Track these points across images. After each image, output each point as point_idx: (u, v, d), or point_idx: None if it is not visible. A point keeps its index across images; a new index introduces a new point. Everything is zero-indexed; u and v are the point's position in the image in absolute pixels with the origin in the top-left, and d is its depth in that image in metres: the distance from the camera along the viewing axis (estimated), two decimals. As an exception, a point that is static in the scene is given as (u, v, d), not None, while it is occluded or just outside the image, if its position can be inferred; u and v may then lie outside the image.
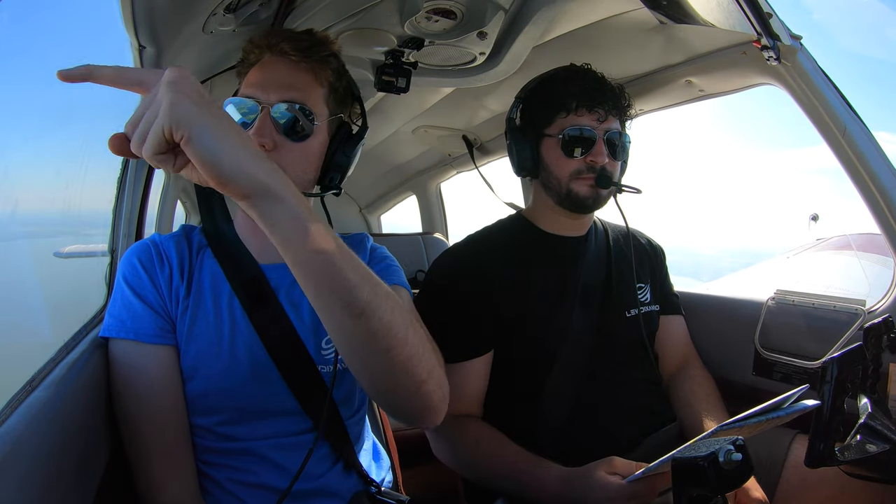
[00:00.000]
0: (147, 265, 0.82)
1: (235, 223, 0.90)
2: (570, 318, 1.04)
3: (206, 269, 0.85)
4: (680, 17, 1.07)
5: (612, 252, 1.15)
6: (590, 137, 1.03)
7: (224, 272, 0.85)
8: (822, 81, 1.01)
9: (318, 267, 0.54)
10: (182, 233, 0.89)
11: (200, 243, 0.88)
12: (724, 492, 0.57)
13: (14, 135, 1.01)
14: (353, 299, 0.56)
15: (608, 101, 1.05)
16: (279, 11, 0.99)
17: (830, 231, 3.25)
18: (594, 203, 1.06)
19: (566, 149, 1.04)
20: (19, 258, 1.10)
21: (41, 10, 1.05)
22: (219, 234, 0.88)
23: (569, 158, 1.04)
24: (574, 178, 1.05)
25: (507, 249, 1.09)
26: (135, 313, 0.79)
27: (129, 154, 0.49)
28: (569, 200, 1.07)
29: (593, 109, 1.04)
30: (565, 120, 1.05)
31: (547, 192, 1.11)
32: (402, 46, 1.18)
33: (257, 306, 0.83)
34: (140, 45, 0.89)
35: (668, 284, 1.25)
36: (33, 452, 0.56)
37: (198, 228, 0.90)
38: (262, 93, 0.79)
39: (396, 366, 0.62)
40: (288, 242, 0.53)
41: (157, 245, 0.84)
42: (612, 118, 1.05)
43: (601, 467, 0.83)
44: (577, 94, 1.04)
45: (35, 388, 0.64)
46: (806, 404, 0.68)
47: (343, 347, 0.62)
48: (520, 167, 1.12)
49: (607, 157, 1.04)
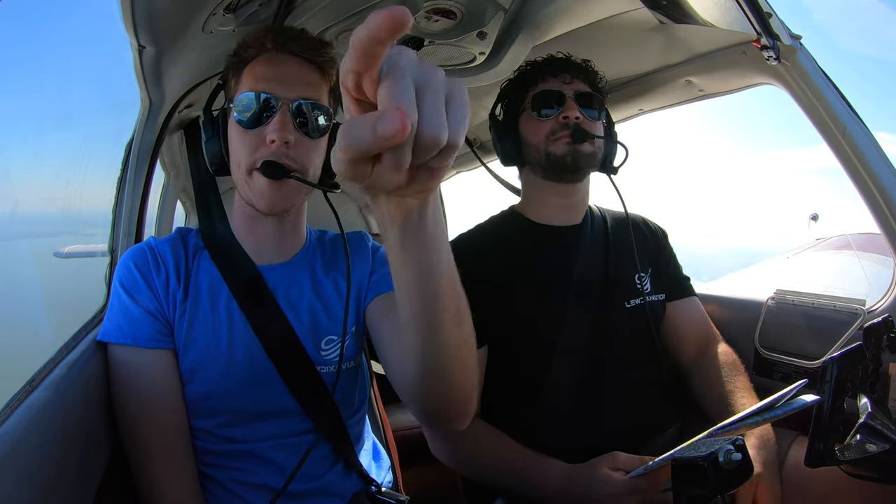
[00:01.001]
0: (143, 270, 0.81)
1: (232, 224, 0.90)
2: (565, 311, 1.03)
3: (203, 271, 0.85)
4: (680, 17, 1.06)
5: (610, 240, 1.14)
6: (558, 96, 1.07)
7: (221, 274, 0.85)
8: (821, 81, 1.01)
9: (450, 275, 0.53)
10: (177, 236, 0.89)
11: (197, 245, 0.88)
12: (723, 492, 0.57)
13: (14, 134, 1.01)
14: (459, 307, 0.57)
15: (574, 67, 1.11)
16: (279, 11, 0.99)
17: (829, 231, 3.25)
18: (573, 161, 1.06)
19: (537, 111, 1.08)
20: (19, 257, 1.10)
21: (41, 10, 1.05)
22: (216, 235, 0.88)
23: (541, 120, 1.08)
24: (550, 141, 1.07)
25: (500, 245, 1.09)
26: (132, 318, 0.79)
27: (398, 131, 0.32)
28: (549, 164, 1.08)
29: (558, 74, 1.09)
30: (535, 90, 1.10)
31: (532, 170, 1.13)
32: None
33: (255, 307, 0.83)
34: (140, 45, 0.89)
35: (674, 267, 1.21)
36: (33, 452, 0.56)
37: (194, 231, 0.90)
38: (280, 88, 0.79)
39: (470, 368, 0.64)
40: (436, 254, 0.49)
41: (152, 249, 0.84)
42: (580, 82, 1.10)
43: (604, 462, 0.83)
44: (543, 66, 1.12)
45: (35, 388, 0.64)
46: (804, 400, 0.68)
47: (441, 358, 0.60)
48: (505, 155, 1.15)
49: (579, 114, 1.06)
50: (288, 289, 0.86)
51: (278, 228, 0.88)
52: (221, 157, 0.83)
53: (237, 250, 0.87)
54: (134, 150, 1.11)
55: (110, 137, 1.18)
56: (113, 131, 1.16)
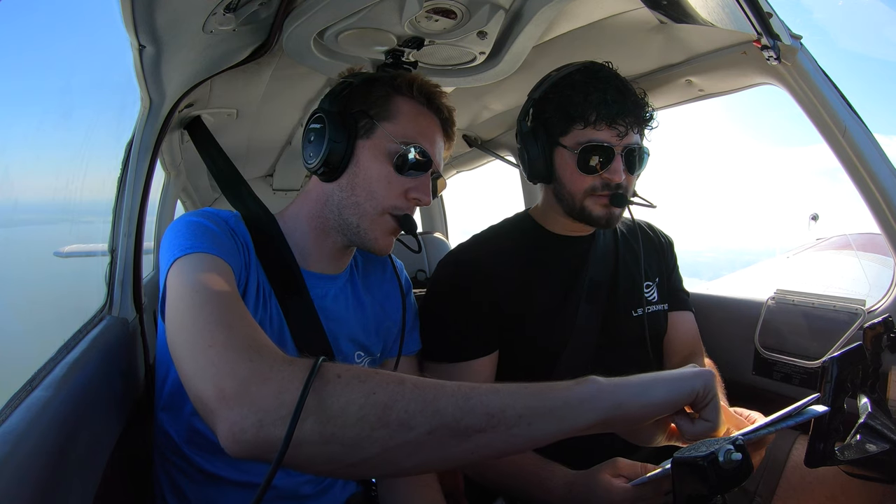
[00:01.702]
0: (221, 227, 0.77)
1: (283, 217, 0.89)
2: (575, 314, 1.04)
3: (253, 258, 0.82)
4: (680, 17, 1.06)
5: (620, 248, 1.14)
6: (608, 153, 0.97)
7: (261, 259, 0.83)
8: (822, 81, 1.01)
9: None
10: (223, 218, 0.82)
11: (245, 234, 0.83)
12: (723, 492, 0.57)
13: (14, 132, 1.01)
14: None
15: (630, 114, 0.97)
16: (279, 11, 0.99)
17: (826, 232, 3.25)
18: (607, 223, 1.02)
19: (582, 164, 0.98)
20: (17, 251, 1.10)
21: (41, 10, 1.05)
22: (261, 222, 0.87)
23: (584, 175, 0.99)
24: (588, 196, 1.00)
25: (513, 250, 1.08)
26: (221, 242, 0.73)
27: None
28: (581, 216, 1.03)
29: (613, 125, 0.96)
30: (582, 132, 0.98)
31: (558, 201, 1.06)
32: (403, 46, 1.18)
33: (289, 295, 0.83)
34: (140, 45, 0.89)
35: (676, 279, 1.21)
36: (33, 452, 0.56)
37: (232, 217, 0.84)
38: (431, 150, 0.85)
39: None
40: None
41: (224, 219, 0.80)
42: (633, 133, 0.99)
43: (605, 470, 0.82)
44: (597, 105, 0.96)
45: (35, 388, 0.64)
46: (815, 410, 0.68)
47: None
48: (532, 174, 1.06)
49: (624, 174, 0.99)
50: (326, 299, 0.88)
51: (342, 250, 0.90)
52: (338, 165, 0.82)
53: (282, 244, 0.86)
54: (134, 150, 1.10)
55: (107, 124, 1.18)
56: (113, 131, 1.15)
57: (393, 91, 0.85)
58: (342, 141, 0.81)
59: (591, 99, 0.97)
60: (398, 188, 0.82)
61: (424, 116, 0.86)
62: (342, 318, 0.88)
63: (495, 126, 2.05)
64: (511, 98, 1.73)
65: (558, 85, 1.03)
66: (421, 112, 0.86)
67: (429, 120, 0.87)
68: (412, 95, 0.85)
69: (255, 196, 0.93)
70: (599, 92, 0.97)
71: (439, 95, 0.88)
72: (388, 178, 0.81)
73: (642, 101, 1.01)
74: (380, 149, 0.82)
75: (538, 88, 1.07)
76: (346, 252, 0.91)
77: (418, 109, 0.86)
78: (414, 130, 0.83)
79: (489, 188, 8.33)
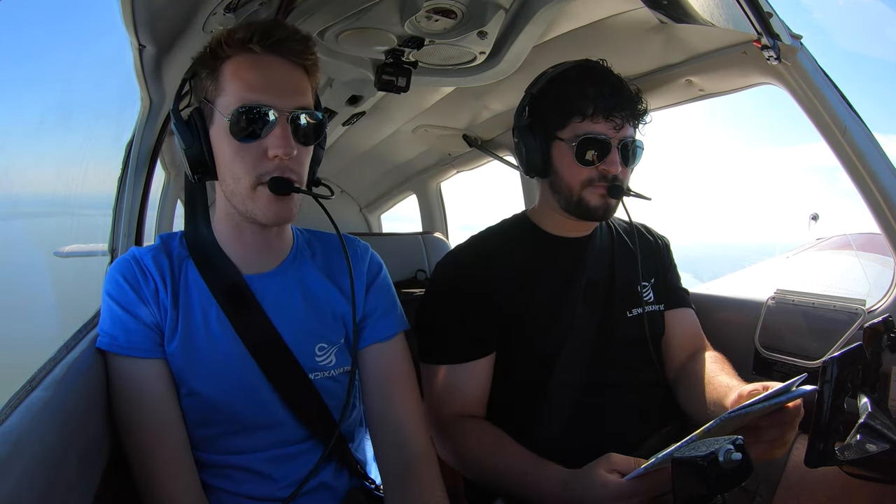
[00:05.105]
0: (132, 281, 0.80)
1: (215, 229, 0.86)
2: (572, 315, 1.04)
3: (192, 279, 0.83)
4: (680, 17, 1.06)
5: (616, 249, 1.14)
6: (604, 145, 0.99)
7: (206, 281, 0.83)
8: (822, 81, 1.01)
9: None
10: (161, 244, 0.86)
11: (181, 254, 0.85)
12: (723, 491, 0.57)
13: (14, 131, 1.01)
14: None
15: (626, 108, 1.00)
16: (279, 11, 0.99)
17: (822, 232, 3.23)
18: (604, 214, 1.04)
19: (579, 156, 1.00)
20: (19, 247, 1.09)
21: (41, 10, 1.05)
22: (200, 241, 0.86)
23: (581, 166, 1.00)
24: (585, 187, 1.02)
25: (510, 252, 1.08)
26: (126, 329, 0.78)
27: None
28: (578, 208, 1.04)
29: (610, 117, 0.98)
30: (580, 125, 1.00)
31: (555, 195, 1.08)
32: (403, 46, 1.18)
33: (239, 313, 0.82)
34: (140, 45, 0.89)
35: (673, 277, 1.21)
36: (33, 452, 0.56)
37: (177, 237, 0.87)
38: (275, 98, 0.75)
39: None
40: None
41: (137, 260, 0.82)
42: (628, 126, 1.01)
43: (600, 466, 0.82)
44: (593, 98, 0.98)
45: (35, 388, 0.64)
46: (804, 389, 0.69)
47: None
48: (529, 167, 1.08)
49: (620, 166, 1.00)
50: (277, 297, 0.85)
51: (263, 236, 0.85)
52: (206, 163, 0.80)
53: (221, 258, 0.84)
54: (134, 150, 1.11)
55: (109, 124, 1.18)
56: (112, 129, 1.15)
57: (215, 62, 0.78)
58: (196, 140, 0.79)
59: (588, 93, 0.99)
60: (252, 156, 0.76)
61: (246, 68, 0.76)
62: (292, 313, 0.85)
63: (495, 126, 2.06)
64: (511, 98, 1.74)
65: (555, 81, 1.05)
66: (241, 65, 0.76)
67: (252, 66, 0.76)
68: (229, 54, 0.77)
69: (207, 213, 0.88)
70: (596, 86, 0.99)
71: (252, 30, 0.76)
72: (237, 151, 0.76)
73: (636, 95, 1.03)
74: (221, 128, 0.77)
75: (535, 85, 1.09)
76: (268, 240, 0.86)
77: (238, 64, 0.76)
78: (241, 90, 0.75)
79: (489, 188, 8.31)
